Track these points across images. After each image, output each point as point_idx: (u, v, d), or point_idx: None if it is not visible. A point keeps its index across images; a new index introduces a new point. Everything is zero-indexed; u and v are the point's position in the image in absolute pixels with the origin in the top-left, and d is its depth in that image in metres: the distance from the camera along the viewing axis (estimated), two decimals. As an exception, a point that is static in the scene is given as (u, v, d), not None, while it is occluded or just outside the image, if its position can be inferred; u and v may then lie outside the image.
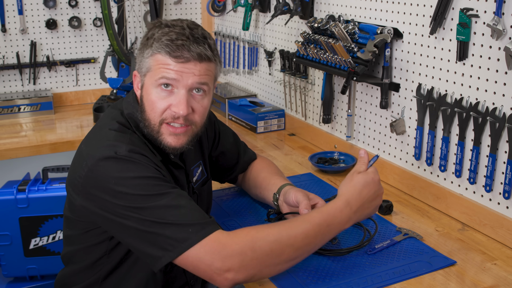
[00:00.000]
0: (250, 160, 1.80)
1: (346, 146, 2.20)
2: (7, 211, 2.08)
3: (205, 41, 1.36)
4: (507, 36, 1.47)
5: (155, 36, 1.36)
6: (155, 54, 1.35)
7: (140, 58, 1.40)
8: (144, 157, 1.31)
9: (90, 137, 1.41)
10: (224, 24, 3.18)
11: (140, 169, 1.28)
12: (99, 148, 1.31)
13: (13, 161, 2.71)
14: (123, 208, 1.24)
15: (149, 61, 1.36)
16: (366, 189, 1.42)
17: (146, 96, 1.38)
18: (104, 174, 1.27)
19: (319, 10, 2.28)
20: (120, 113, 1.44)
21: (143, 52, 1.39)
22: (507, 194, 1.52)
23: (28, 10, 2.97)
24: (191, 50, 1.32)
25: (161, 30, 1.36)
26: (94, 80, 3.20)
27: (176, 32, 1.34)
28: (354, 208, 1.39)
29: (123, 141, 1.32)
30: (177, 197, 1.26)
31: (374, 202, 1.45)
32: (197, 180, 1.61)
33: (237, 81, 3.15)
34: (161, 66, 1.34)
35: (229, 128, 1.81)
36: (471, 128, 1.62)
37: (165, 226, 1.21)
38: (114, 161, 1.27)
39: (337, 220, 1.36)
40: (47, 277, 2.20)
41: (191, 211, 1.25)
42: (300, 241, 1.29)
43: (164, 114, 1.36)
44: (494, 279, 1.38)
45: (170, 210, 1.23)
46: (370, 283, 1.34)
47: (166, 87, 1.35)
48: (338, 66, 1.99)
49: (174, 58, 1.33)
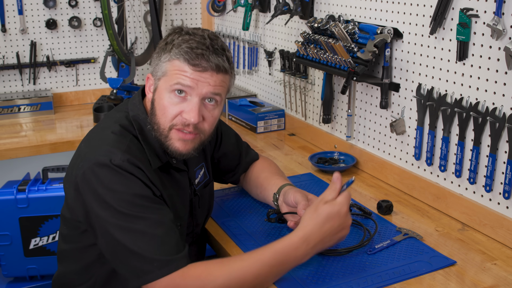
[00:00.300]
0: (252, 160, 1.80)
1: (346, 146, 2.20)
2: (7, 211, 2.08)
3: (224, 53, 1.37)
4: (507, 36, 1.47)
5: (174, 42, 1.36)
6: (173, 60, 1.35)
7: (157, 61, 1.39)
8: (137, 169, 1.31)
9: (90, 138, 1.42)
10: (224, 24, 3.18)
11: (129, 184, 1.28)
12: (97, 152, 1.32)
13: (13, 161, 2.72)
14: (104, 220, 1.27)
15: (166, 65, 1.36)
16: (329, 223, 1.32)
17: (159, 100, 1.38)
18: (95, 181, 1.28)
19: (319, 10, 2.28)
20: (125, 116, 1.44)
21: (160, 56, 1.39)
22: (507, 194, 1.52)
23: (28, 10, 2.97)
24: (210, 60, 1.33)
25: (181, 37, 1.37)
26: (94, 80, 3.20)
27: (197, 40, 1.35)
28: (312, 243, 1.31)
29: (120, 148, 1.32)
30: (154, 224, 1.26)
31: (337, 235, 1.35)
32: (199, 182, 1.61)
33: (237, 81, 3.15)
34: (177, 72, 1.34)
35: (232, 129, 1.81)
36: (471, 128, 1.62)
37: (133, 253, 1.24)
38: (107, 170, 1.28)
39: (292, 258, 1.30)
40: (47, 277, 2.20)
41: (162, 244, 1.25)
42: (251, 282, 1.26)
43: (175, 120, 1.37)
44: (494, 279, 1.38)
45: (143, 237, 1.24)
46: (370, 283, 1.34)
47: (179, 93, 1.35)
48: (338, 66, 1.99)
49: (192, 66, 1.33)
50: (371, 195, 1.89)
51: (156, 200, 1.32)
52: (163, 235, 1.26)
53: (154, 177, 1.36)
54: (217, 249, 1.60)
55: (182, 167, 1.50)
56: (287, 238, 1.31)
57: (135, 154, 1.34)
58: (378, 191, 1.92)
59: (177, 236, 1.29)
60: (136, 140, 1.40)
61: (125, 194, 1.27)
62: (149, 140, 1.42)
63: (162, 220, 1.28)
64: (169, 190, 1.44)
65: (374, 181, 2.01)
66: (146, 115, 1.43)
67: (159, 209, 1.30)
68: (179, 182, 1.49)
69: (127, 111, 1.45)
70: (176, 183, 1.49)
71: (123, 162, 1.29)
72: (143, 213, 1.27)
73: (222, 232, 1.62)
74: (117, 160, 1.29)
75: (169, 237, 1.27)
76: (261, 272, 1.27)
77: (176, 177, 1.49)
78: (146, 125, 1.43)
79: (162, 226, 1.27)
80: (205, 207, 1.63)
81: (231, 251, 1.51)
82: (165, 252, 1.24)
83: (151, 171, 1.37)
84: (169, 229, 1.28)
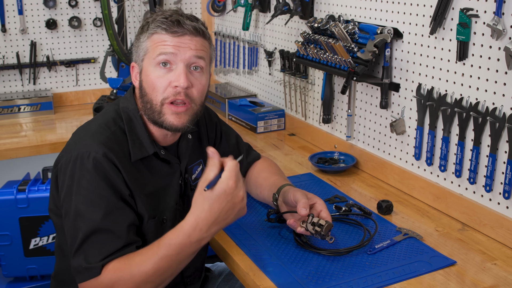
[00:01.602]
0: (253, 161, 1.81)
1: (346, 146, 2.20)
2: (7, 211, 2.08)
3: (198, 20, 1.44)
4: (507, 36, 1.47)
5: (149, 20, 1.42)
6: (152, 35, 1.40)
7: (137, 46, 1.45)
8: (111, 165, 1.33)
9: (78, 129, 1.47)
10: (224, 24, 3.18)
11: (96, 183, 1.32)
12: (77, 144, 1.37)
13: (13, 161, 2.72)
14: (65, 209, 1.34)
15: (145, 43, 1.41)
16: (217, 203, 1.24)
17: (146, 78, 1.41)
18: (69, 173, 1.34)
19: (319, 10, 2.28)
20: (115, 108, 1.47)
21: (139, 39, 1.44)
22: (507, 194, 1.52)
23: (28, 10, 2.97)
24: (186, 24, 1.39)
25: (154, 15, 1.43)
26: (94, 80, 3.20)
27: (170, 12, 1.41)
28: (204, 227, 1.26)
29: (100, 140, 1.36)
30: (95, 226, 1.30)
31: (231, 212, 1.27)
32: (197, 178, 1.61)
33: (237, 81, 3.15)
34: (158, 44, 1.38)
35: (233, 130, 1.81)
36: (471, 128, 1.62)
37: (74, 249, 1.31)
38: (80, 164, 1.33)
39: (187, 246, 1.27)
40: (47, 277, 2.20)
41: (92, 248, 1.29)
42: (154, 275, 1.27)
43: (165, 92, 1.39)
44: (494, 279, 1.38)
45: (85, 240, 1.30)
46: (370, 283, 1.34)
47: (164, 65, 1.39)
48: (338, 66, 1.99)
49: (171, 33, 1.38)
50: (371, 195, 1.89)
51: (117, 203, 1.33)
52: (95, 242, 1.30)
53: (130, 172, 1.38)
54: (217, 250, 1.60)
55: (172, 159, 1.50)
56: (179, 227, 1.28)
57: (113, 147, 1.36)
58: (378, 191, 1.92)
59: (114, 243, 1.30)
60: (120, 132, 1.42)
61: (88, 191, 1.31)
62: (137, 131, 1.44)
63: (105, 226, 1.30)
64: (153, 183, 1.45)
65: (374, 181, 2.01)
66: (136, 106, 1.46)
67: (116, 213, 1.32)
68: (168, 174, 1.50)
69: (118, 104, 1.49)
70: (164, 175, 1.49)
71: (97, 155, 1.32)
72: (95, 212, 1.30)
73: (222, 232, 1.62)
74: (92, 153, 1.33)
75: (101, 244, 1.29)
76: (160, 264, 1.26)
77: (165, 169, 1.49)
78: (135, 115, 1.45)
79: (101, 231, 1.30)
80: None
81: (231, 251, 1.51)
82: (88, 258, 1.29)
83: (128, 165, 1.38)
84: (108, 235, 1.30)
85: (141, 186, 1.41)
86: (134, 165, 1.41)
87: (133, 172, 1.39)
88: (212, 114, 1.75)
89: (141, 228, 1.42)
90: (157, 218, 1.45)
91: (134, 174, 1.39)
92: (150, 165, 1.46)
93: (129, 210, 1.36)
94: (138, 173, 1.41)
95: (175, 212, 1.51)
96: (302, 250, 1.49)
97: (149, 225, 1.42)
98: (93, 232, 1.30)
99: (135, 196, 1.39)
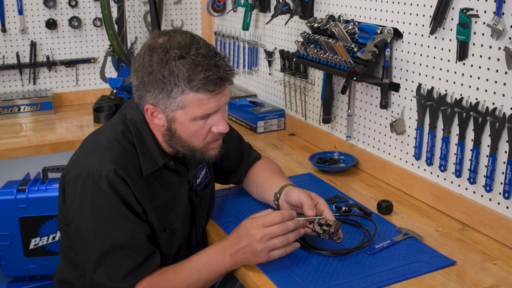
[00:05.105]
0: (254, 161, 1.81)
1: (346, 146, 2.20)
2: (7, 211, 2.08)
3: (226, 61, 1.38)
4: (507, 36, 1.47)
5: (179, 74, 1.30)
6: (189, 93, 1.33)
7: (159, 94, 1.34)
8: (122, 183, 1.33)
9: (86, 142, 1.45)
10: (224, 24, 3.18)
11: (108, 200, 1.32)
12: (87, 159, 1.36)
13: (13, 161, 2.72)
14: (76, 226, 1.35)
15: (180, 99, 1.33)
16: (242, 240, 1.38)
17: (183, 129, 1.39)
18: (79, 189, 1.33)
19: (319, 10, 2.28)
20: (122, 119, 1.46)
21: (162, 88, 1.32)
22: (507, 194, 1.52)
23: (28, 10, 2.97)
24: (225, 78, 1.35)
25: (181, 61, 1.30)
26: (94, 80, 3.20)
27: (205, 63, 1.31)
28: (228, 252, 1.38)
29: (110, 156, 1.34)
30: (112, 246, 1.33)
31: (250, 256, 1.37)
32: (201, 182, 1.61)
33: (237, 81, 3.15)
34: (201, 104, 1.35)
35: (235, 131, 1.81)
36: (471, 128, 1.62)
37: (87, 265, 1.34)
38: (92, 180, 1.32)
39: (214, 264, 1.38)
40: (47, 277, 2.21)
41: (110, 267, 1.32)
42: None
43: (208, 137, 1.42)
44: (494, 279, 1.38)
45: (101, 257, 1.32)
46: (370, 283, 1.34)
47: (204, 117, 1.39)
48: (338, 66, 1.99)
49: (214, 93, 1.35)
50: (371, 195, 1.89)
51: (133, 219, 1.35)
52: (114, 259, 1.32)
53: (141, 187, 1.38)
54: (217, 249, 1.60)
55: (181, 168, 1.50)
56: (211, 246, 1.41)
57: (124, 163, 1.36)
58: (378, 191, 1.92)
59: (132, 260, 1.33)
60: (130, 146, 1.41)
61: (104, 210, 1.32)
62: (146, 143, 1.43)
63: (123, 242, 1.33)
64: (163, 195, 1.46)
65: (374, 181, 2.01)
66: (143, 118, 1.44)
67: (132, 229, 1.34)
68: (177, 184, 1.50)
69: (125, 114, 1.46)
70: (173, 185, 1.49)
71: (109, 173, 1.32)
72: (112, 230, 1.32)
73: (222, 232, 1.62)
74: (104, 171, 1.32)
75: (120, 261, 1.32)
76: (191, 280, 1.35)
77: (174, 179, 1.49)
78: (143, 127, 1.43)
79: (119, 248, 1.32)
80: (206, 207, 1.64)
81: (231, 251, 1.51)
82: (110, 277, 1.31)
83: (139, 181, 1.38)
84: (126, 252, 1.33)
85: (152, 200, 1.42)
86: (145, 180, 1.41)
87: (143, 187, 1.40)
88: None
89: (153, 240, 1.43)
90: (167, 231, 1.46)
91: (144, 189, 1.40)
92: (160, 177, 1.46)
93: (144, 225, 1.38)
94: (148, 188, 1.42)
95: (184, 221, 1.53)
96: (302, 250, 1.49)
97: (159, 239, 1.44)
98: (110, 249, 1.32)
99: (146, 211, 1.40)
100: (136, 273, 1.33)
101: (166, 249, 1.46)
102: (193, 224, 1.59)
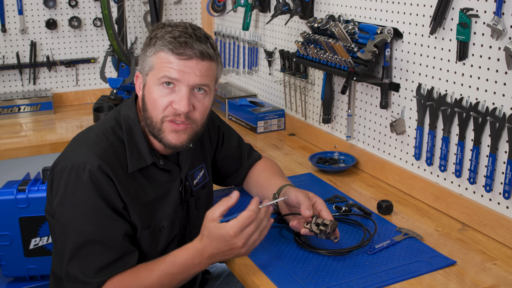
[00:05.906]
0: (254, 162, 1.81)
1: (346, 146, 2.20)
2: (7, 211, 2.08)
3: (207, 40, 1.39)
4: (507, 36, 1.47)
5: (158, 35, 1.38)
6: (158, 52, 1.37)
7: (143, 58, 1.42)
8: (105, 178, 1.34)
9: (77, 136, 1.47)
10: (224, 24, 3.18)
11: (90, 195, 1.33)
12: (74, 153, 1.38)
13: (13, 161, 2.71)
14: (58, 216, 1.36)
15: (151, 59, 1.39)
16: (216, 241, 1.34)
17: (148, 94, 1.40)
18: (64, 181, 1.35)
19: (319, 10, 2.28)
20: (115, 116, 1.47)
21: (145, 51, 1.41)
22: (507, 194, 1.52)
23: (28, 10, 2.97)
24: (194, 47, 1.35)
25: (164, 29, 1.39)
26: (94, 80, 3.20)
27: (179, 30, 1.37)
28: (205, 254, 1.35)
29: (96, 151, 1.36)
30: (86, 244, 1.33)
31: (229, 252, 1.35)
32: (198, 183, 1.61)
33: (237, 81, 3.15)
34: (164, 65, 1.36)
35: (235, 132, 1.81)
36: (471, 128, 1.62)
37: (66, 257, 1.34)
38: (75, 174, 1.33)
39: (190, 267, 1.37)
40: (47, 277, 2.20)
41: (85, 261, 1.32)
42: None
43: (166, 111, 1.38)
44: (494, 279, 1.38)
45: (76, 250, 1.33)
46: (370, 283, 1.34)
47: (168, 85, 1.37)
48: (338, 66, 1.99)
49: (177, 55, 1.35)
50: (371, 195, 1.89)
51: (110, 215, 1.35)
52: (89, 253, 1.32)
53: (125, 183, 1.39)
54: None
55: (173, 167, 1.50)
56: (185, 247, 1.37)
57: (109, 158, 1.36)
58: (378, 191, 1.92)
59: (106, 256, 1.33)
60: (119, 142, 1.41)
61: (82, 203, 1.33)
62: (136, 140, 1.44)
63: (98, 237, 1.33)
64: (151, 193, 1.45)
65: (374, 181, 2.01)
66: (137, 115, 1.45)
67: (109, 225, 1.34)
68: (167, 182, 1.49)
69: (119, 111, 1.48)
70: (163, 183, 1.49)
71: (92, 167, 1.33)
72: (88, 224, 1.32)
73: (222, 232, 1.62)
74: (88, 165, 1.33)
75: (94, 256, 1.32)
76: (164, 281, 1.34)
77: (164, 178, 1.49)
78: (135, 124, 1.44)
79: (94, 243, 1.32)
80: (203, 209, 1.63)
81: (231, 251, 1.51)
82: (83, 270, 1.32)
83: (124, 177, 1.39)
84: (101, 247, 1.33)
85: (137, 197, 1.42)
86: (131, 176, 1.41)
87: (129, 184, 1.40)
88: (214, 117, 1.74)
89: (134, 238, 1.43)
90: (152, 228, 1.45)
91: (130, 186, 1.40)
92: (149, 174, 1.46)
93: (123, 222, 1.38)
94: (135, 184, 1.41)
95: (173, 220, 1.51)
96: (302, 250, 1.49)
97: (142, 235, 1.43)
98: (86, 243, 1.32)
99: (128, 208, 1.40)
100: (108, 269, 1.32)
101: (151, 247, 1.45)
102: (187, 224, 1.58)
